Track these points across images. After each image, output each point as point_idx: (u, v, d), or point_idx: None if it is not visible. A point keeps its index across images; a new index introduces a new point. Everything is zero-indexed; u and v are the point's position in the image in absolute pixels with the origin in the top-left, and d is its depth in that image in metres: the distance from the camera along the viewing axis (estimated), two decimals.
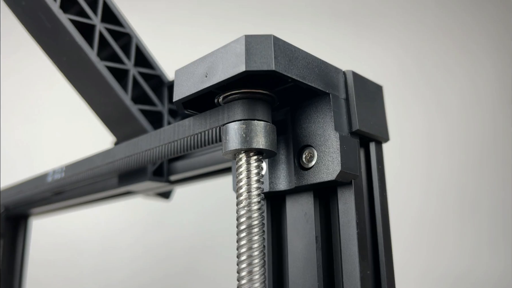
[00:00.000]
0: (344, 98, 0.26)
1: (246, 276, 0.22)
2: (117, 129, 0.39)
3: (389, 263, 0.26)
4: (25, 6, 0.35)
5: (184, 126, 0.28)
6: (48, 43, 0.37)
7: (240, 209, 0.23)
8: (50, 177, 0.44)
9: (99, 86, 0.36)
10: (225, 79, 0.22)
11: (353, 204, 0.24)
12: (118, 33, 0.38)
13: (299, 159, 0.26)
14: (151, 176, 0.37)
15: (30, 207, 0.60)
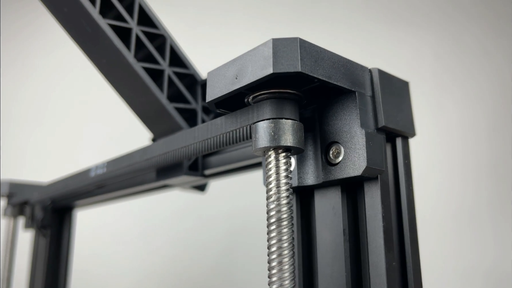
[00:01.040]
0: (370, 95, 0.26)
1: (276, 266, 0.24)
2: (154, 126, 0.41)
3: (415, 255, 0.26)
4: (67, 12, 0.37)
5: (217, 124, 0.29)
6: (89, 47, 0.39)
7: (270, 203, 0.25)
8: (93, 172, 0.47)
9: (136, 86, 0.38)
10: (254, 81, 0.23)
11: (379, 199, 0.25)
12: (153, 34, 0.40)
13: (327, 155, 0.27)
14: (186, 170, 0.39)
15: (75, 200, 0.63)
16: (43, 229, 0.65)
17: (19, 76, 1.31)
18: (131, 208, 1.07)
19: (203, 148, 0.31)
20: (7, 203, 0.66)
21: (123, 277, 1.09)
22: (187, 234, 1.07)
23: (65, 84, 1.25)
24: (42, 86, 1.28)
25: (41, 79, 1.29)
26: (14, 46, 1.33)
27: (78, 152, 1.19)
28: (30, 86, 1.29)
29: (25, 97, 1.29)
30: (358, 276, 0.26)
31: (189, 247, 1.07)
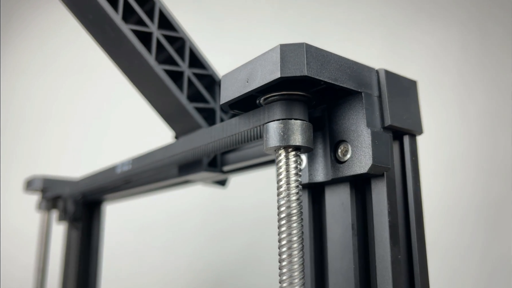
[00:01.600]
0: (377, 95, 0.27)
1: (286, 259, 0.25)
2: (175, 125, 0.43)
3: (422, 249, 0.27)
4: (92, 19, 0.39)
5: (231, 124, 0.31)
6: (112, 50, 0.41)
7: (280, 199, 0.26)
8: (119, 168, 0.49)
9: (158, 87, 0.40)
10: (263, 85, 0.25)
11: (385, 195, 0.26)
12: (173, 37, 0.42)
13: (335, 153, 0.28)
14: (206, 167, 0.41)
15: (103, 194, 0.66)
16: (75, 221, 0.68)
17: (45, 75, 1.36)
18: (157, 202, 1.10)
19: (220, 147, 0.33)
20: (41, 197, 0.70)
21: (150, 267, 1.13)
22: (211, 227, 1.10)
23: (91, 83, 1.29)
24: (67, 85, 1.33)
25: (66, 78, 1.33)
26: (39, 44, 1.38)
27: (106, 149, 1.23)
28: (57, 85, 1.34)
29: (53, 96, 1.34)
30: (366, 269, 0.28)
31: (213, 239, 1.09)
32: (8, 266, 1.24)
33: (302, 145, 0.26)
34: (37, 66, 1.37)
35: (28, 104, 1.36)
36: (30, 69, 1.38)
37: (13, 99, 1.38)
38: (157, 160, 0.41)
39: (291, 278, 0.25)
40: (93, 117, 1.29)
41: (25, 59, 1.39)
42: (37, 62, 1.38)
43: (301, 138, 0.26)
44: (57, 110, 1.33)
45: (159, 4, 0.41)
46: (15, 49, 1.41)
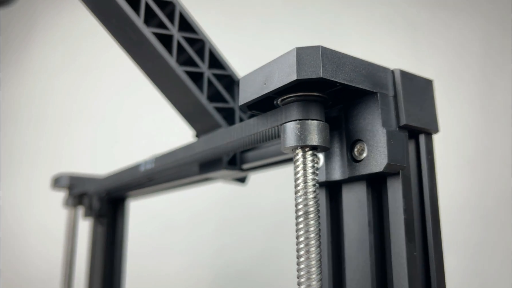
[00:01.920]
0: (392, 95, 0.28)
1: (304, 255, 0.26)
2: (196, 124, 0.44)
3: (438, 246, 0.28)
4: (115, 23, 0.41)
5: (250, 124, 0.32)
6: (135, 53, 0.42)
7: (298, 197, 0.27)
8: (142, 167, 0.51)
9: (179, 88, 0.41)
10: (280, 87, 0.26)
11: (400, 193, 0.27)
12: (193, 39, 0.43)
13: (351, 152, 0.29)
14: (226, 165, 0.42)
15: (127, 191, 0.68)
16: (100, 217, 0.70)
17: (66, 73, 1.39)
18: (180, 198, 1.12)
19: (239, 146, 0.34)
20: (68, 194, 0.72)
21: (173, 262, 1.15)
22: (233, 223, 1.11)
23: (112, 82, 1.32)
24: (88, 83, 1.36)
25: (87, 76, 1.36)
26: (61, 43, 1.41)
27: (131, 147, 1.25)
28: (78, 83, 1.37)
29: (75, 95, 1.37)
30: (382, 265, 0.28)
31: (235, 235, 1.10)
32: (37, 260, 1.28)
33: (318, 144, 0.26)
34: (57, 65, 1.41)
35: (50, 102, 1.40)
36: (51, 68, 1.42)
37: (35, 98, 1.42)
38: (178, 159, 0.43)
39: (309, 273, 0.25)
40: (114, 115, 1.32)
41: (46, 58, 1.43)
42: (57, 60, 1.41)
43: (317, 138, 0.26)
44: (78, 109, 1.37)
45: (179, 7, 0.42)
46: (38, 49, 1.45)
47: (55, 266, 1.12)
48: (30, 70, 1.45)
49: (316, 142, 0.26)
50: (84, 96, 1.37)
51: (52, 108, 1.39)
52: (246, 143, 0.33)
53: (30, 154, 1.38)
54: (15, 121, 1.42)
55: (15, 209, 1.35)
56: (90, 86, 1.37)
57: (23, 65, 1.46)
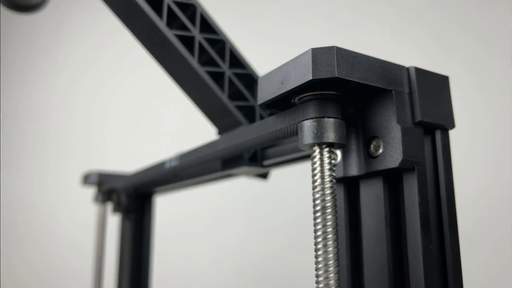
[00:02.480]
0: (407, 92, 0.28)
1: (322, 248, 0.26)
2: (218, 122, 0.45)
3: (454, 239, 0.28)
4: (139, 26, 0.42)
5: (268, 123, 0.33)
6: (159, 55, 0.44)
7: (315, 193, 0.27)
8: (168, 164, 0.52)
9: (201, 87, 0.42)
10: (296, 86, 0.26)
11: (416, 187, 0.27)
12: (214, 40, 0.44)
13: (368, 148, 0.29)
14: (247, 161, 0.43)
15: (154, 187, 0.70)
16: (128, 213, 0.72)
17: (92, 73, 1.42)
18: (205, 193, 1.14)
19: (259, 143, 0.35)
20: (97, 191, 0.75)
21: (199, 256, 1.17)
22: (257, 218, 1.12)
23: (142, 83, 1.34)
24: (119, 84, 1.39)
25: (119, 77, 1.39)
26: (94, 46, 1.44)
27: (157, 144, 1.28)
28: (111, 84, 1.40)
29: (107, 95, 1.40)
30: (399, 258, 0.29)
31: (259, 230, 1.12)
32: (68, 254, 1.33)
33: (335, 141, 0.27)
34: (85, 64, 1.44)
35: (79, 102, 1.44)
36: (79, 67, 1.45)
37: (65, 97, 1.46)
38: (202, 156, 0.44)
39: (326, 266, 0.26)
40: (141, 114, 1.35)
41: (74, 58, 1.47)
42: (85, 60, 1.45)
43: (334, 135, 0.27)
44: (106, 107, 1.40)
45: (200, 9, 0.43)
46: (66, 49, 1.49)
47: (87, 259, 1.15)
48: (59, 70, 1.49)
49: (332, 139, 0.27)
50: (111, 95, 1.41)
51: (81, 107, 1.43)
52: (266, 141, 0.34)
53: (61, 153, 1.43)
54: (45, 121, 1.47)
55: (49, 205, 1.40)
56: (117, 86, 1.41)
57: (52, 66, 1.50)
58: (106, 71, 1.43)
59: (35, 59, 1.53)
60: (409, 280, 0.27)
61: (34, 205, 1.42)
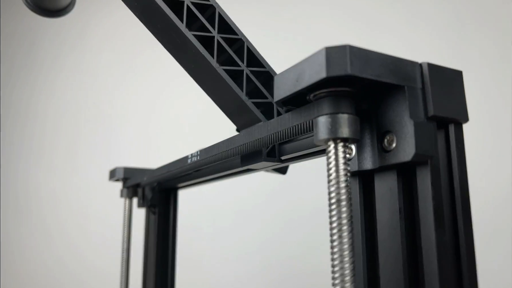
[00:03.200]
0: (420, 88, 0.28)
1: (337, 240, 0.27)
2: (237, 119, 0.46)
3: (468, 231, 0.28)
4: (160, 28, 0.43)
5: (285, 119, 0.33)
6: (179, 55, 0.45)
7: (330, 186, 0.28)
8: (189, 159, 0.53)
9: (220, 86, 0.43)
10: (311, 84, 0.27)
11: (429, 180, 0.27)
12: (232, 39, 0.44)
13: (382, 143, 0.29)
14: (265, 157, 0.43)
15: (177, 182, 0.71)
16: (152, 207, 0.74)
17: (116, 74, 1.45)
18: (226, 187, 1.15)
19: (276, 139, 0.35)
20: (123, 186, 0.76)
21: (221, 248, 1.18)
22: (277, 212, 1.13)
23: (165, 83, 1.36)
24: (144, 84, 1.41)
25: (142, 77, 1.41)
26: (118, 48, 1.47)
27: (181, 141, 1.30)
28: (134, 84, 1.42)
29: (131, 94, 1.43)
30: (414, 249, 0.29)
31: (279, 224, 1.12)
32: (98, 246, 1.36)
33: (349, 136, 0.27)
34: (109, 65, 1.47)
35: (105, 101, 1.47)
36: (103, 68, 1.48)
37: (92, 98, 1.49)
38: (221, 151, 0.45)
39: (342, 257, 0.27)
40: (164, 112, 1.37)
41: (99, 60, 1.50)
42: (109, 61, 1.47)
43: (348, 130, 0.27)
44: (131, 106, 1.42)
45: (219, 10, 0.44)
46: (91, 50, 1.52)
47: (114, 252, 1.18)
48: (85, 71, 1.52)
49: (346, 134, 0.27)
50: (136, 95, 1.43)
51: (107, 106, 1.46)
52: (283, 136, 0.34)
53: (89, 150, 1.46)
54: (74, 120, 1.50)
55: (80, 201, 1.44)
56: (140, 86, 1.43)
57: (79, 67, 1.53)
58: (130, 71, 1.45)
59: (62, 61, 1.56)
60: (423, 271, 0.27)
61: (65, 200, 1.46)
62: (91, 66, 1.51)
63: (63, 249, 1.42)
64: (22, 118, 1.57)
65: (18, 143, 1.55)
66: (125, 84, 1.44)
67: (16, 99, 1.60)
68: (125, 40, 1.46)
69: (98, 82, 1.49)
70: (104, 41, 1.51)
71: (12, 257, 1.48)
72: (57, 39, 1.58)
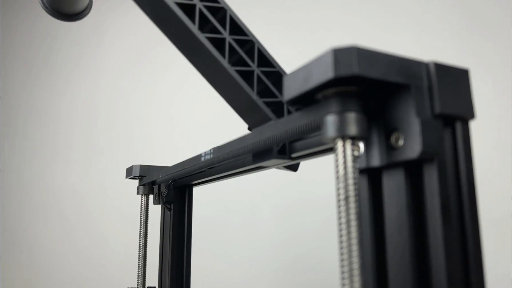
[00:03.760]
0: (427, 86, 0.28)
1: (345, 235, 0.27)
2: (248, 118, 0.46)
3: (475, 226, 0.28)
4: (173, 30, 0.44)
5: (294, 118, 0.33)
6: (192, 57, 0.45)
7: (338, 183, 0.28)
8: (203, 157, 0.54)
9: (231, 86, 0.43)
10: (319, 83, 0.27)
11: (436, 177, 0.27)
12: (243, 41, 0.45)
13: (389, 140, 0.29)
14: (276, 154, 0.44)
15: (192, 179, 0.72)
16: (167, 204, 0.75)
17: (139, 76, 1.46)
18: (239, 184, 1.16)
19: (286, 137, 0.36)
20: (139, 183, 0.78)
21: (234, 243, 1.19)
22: (290, 207, 1.13)
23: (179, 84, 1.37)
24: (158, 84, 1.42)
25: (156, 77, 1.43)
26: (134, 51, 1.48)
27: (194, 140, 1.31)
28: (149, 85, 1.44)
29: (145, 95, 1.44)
30: (421, 244, 0.29)
31: (291, 219, 1.12)
32: (115, 242, 1.38)
33: (356, 134, 0.28)
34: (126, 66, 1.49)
35: (121, 101, 1.48)
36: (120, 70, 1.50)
37: (108, 98, 1.51)
38: (234, 149, 0.45)
39: (350, 252, 0.27)
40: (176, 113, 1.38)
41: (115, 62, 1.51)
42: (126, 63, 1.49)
43: (355, 129, 0.28)
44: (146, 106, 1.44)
45: (230, 12, 0.44)
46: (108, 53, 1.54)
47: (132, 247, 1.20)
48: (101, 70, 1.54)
49: (354, 132, 0.28)
50: (149, 94, 1.44)
51: (123, 106, 1.48)
52: (293, 134, 0.34)
53: (106, 149, 1.48)
54: (94, 119, 1.52)
55: (97, 198, 1.46)
56: (154, 86, 1.44)
57: (97, 68, 1.56)
58: (145, 70, 1.46)
59: (80, 61, 1.59)
60: (431, 266, 0.27)
61: (83, 197, 1.48)
62: (107, 66, 1.53)
63: (82, 244, 1.44)
64: (41, 117, 1.60)
65: (39, 141, 1.59)
66: (141, 83, 1.46)
67: (37, 100, 1.63)
68: (140, 40, 1.48)
69: (114, 81, 1.51)
70: (120, 41, 1.52)
71: (32, 250, 1.51)
72: (74, 41, 1.60)
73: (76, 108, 1.55)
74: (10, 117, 1.66)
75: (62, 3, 0.63)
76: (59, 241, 1.48)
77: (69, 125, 1.56)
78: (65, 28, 1.60)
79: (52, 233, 1.50)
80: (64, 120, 1.57)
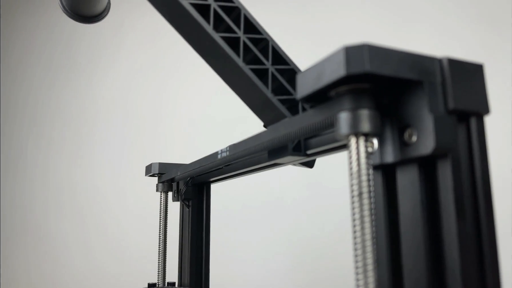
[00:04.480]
0: (440, 82, 0.28)
1: (359, 231, 0.27)
2: (263, 115, 0.47)
3: (490, 222, 0.28)
4: (188, 30, 0.44)
5: (309, 115, 0.34)
6: (207, 55, 0.46)
7: (352, 179, 0.28)
8: (219, 154, 0.55)
9: (246, 84, 0.44)
10: (331, 81, 0.27)
11: (450, 172, 0.27)
12: (257, 39, 0.45)
13: (402, 136, 0.29)
14: (291, 151, 0.44)
15: (209, 176, 0.73)
16: (185, 201, 0.76)
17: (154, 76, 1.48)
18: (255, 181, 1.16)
19: (301, 134, 0.36)
20: (158, 181, 0.79)
21: (252, 239, 1.20)
22: (306, 203, 1.13)
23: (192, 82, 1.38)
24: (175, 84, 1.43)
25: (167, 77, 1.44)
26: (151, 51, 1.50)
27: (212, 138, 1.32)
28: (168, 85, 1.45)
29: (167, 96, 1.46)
30: (436, 240, 0.29)
31: (307, 214, 1.13)
32: (136, 237, 1.40)
33: (369, 131, 0.28)
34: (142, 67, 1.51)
35: (138, 101, 1.50)
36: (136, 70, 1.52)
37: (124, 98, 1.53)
38: (249, 147, 0.46)
39: (364, 247, 0.27)
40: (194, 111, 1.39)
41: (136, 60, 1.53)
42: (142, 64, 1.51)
43: (368, 125, 0.28)
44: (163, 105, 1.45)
45: (244, 11, 0.45)
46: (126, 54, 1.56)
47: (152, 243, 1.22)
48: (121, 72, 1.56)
49: (367, 129, 0.28)
50: (167, 93, 1.46)
51: (140, 105, 1.50)
52: (307, 131, 0.35)
53: (127, 147, 1.50)
54: (108, 119, 1.55)
55: (117, 195, 1.48)
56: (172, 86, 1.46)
57: (116, 68, 1.58)
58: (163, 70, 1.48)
59: (99, 61, 1.61)
60: (445, 261, 0.27)
61: (104, 196, 1.51)
62: (125, 65, 1.55)
63: (104, 240, 1.47)
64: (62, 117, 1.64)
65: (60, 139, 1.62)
66: (158, 82, 1.48)
67: (60, 100, 1.66)
68: (157, 40, 1.49)
69: (132, 80, 1.53)
70: (138, 42, 1.54)
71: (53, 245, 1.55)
72: (93, 41, 1.63)
73: (97, 107, 1.58)
74: (35, 116, 1.70)
75: (81, 6, 0.64)
76: (81, 237, 1.52)
77: (90, 123, 1.59)
78: (83, 29, 1.63)
79: (74, 230, 1.53)
80: (84, 118, 1.60)
